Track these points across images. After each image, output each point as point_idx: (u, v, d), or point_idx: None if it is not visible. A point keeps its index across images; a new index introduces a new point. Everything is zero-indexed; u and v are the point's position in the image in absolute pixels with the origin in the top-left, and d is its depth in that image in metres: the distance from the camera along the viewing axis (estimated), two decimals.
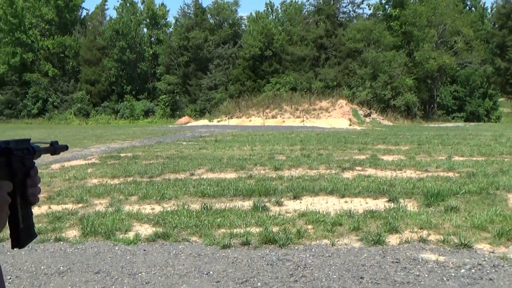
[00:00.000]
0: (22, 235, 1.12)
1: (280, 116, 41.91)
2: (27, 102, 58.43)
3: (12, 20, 58.65)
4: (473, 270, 4.59)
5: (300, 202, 7.71)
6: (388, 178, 9.56)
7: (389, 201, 7.52)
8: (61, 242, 5.79)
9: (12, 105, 59.15)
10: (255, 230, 6.04)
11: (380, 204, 7.39)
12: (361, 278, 4.46)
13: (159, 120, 51.31)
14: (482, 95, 50.59)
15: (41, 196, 1.08)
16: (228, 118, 42.65)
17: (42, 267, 4.96)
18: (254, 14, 62.37)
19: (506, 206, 7.05)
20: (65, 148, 1.35)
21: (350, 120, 38.55)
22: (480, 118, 48.79)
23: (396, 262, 4.86)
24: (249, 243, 5.56)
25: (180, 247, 5.57)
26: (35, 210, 6.94)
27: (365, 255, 5.12)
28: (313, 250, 5.34)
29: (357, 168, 11.35)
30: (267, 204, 7.46)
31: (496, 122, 48.63)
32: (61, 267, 4.94)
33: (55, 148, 1.29)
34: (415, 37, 47.69)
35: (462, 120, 46.97)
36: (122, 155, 15.10)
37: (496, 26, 58.90)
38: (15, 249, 1.14)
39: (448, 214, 6.51)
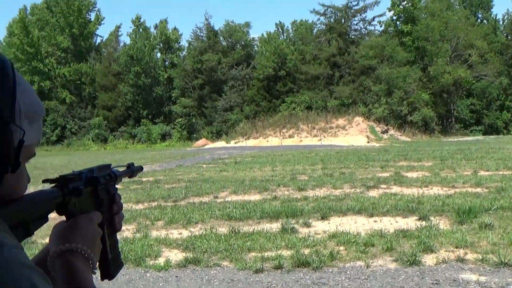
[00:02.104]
0: (111, 266, 1.07)
1: (297, 136, 41.84)
2: (45, 129, 59.05)
3: (29, 49, 59.74)
4: None
5: (329, 223, 7.60)
6: (415, 195, 9.42)
7: (419, 219, 7.39)
8: None
9: None
10: (286, 253, 5.95)
11: (410, 222, 7.26)
12: None
13: (176, 143, 51.51)
14: (500, 107, 50.10)
15: None
16: (245, 139, 42.69)
17: None
18: (265, 35, 62.72)
19: None
20: (141, 169, 1.32)
21: (367, 137, 38.35)
22: (499, 130, 48.24)
23: (436, 283, 4.74)
24: (281, 266, 5.47)
25: (212, 272, 5.50)
26: None
27: (403, 276, 5.00)
28: (348, 272, 5.23)
29: (382, 186, 11.21)
30: (295, 225, 7.37)
31: None
32: None
33: (133, 171, 1.26)
34: (428, 52, 47.56)
35: (480, 134, 46.45)
36: (144, 179, 15.13)
37: (510, 37, 58.48)
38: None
39: (483, 232, 6.36)
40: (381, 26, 54.13)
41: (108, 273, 1.07)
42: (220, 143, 43.89)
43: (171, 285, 5.17)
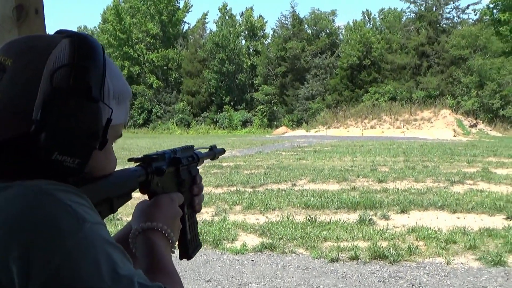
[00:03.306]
0: (190, 246, 1.08)
1: (379, 127, 40.91)
2: (133, 112, 61.59)
3: (121, 35, 62.46)
4: None
5: (408, 217, 7.42)
6: (504, 193, 8.94)
7: (507, 218, 7.03)
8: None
9: None
10: (363, 244, 5.89)
11: (497, 221, 6.92)
12: None
13: (256, 130, 51.99)
14: None
15: None
16: (326, 128, 42.35)
17: None
18: (351, 23, 61.49)
19: None
20: (223, 152, 1.33)
21: (454, 130, 36.75)
22: None
23: None
24: (358, 257, 5.42)
25: (288, 259, 5.55)
26: None
27: (486, 276, 4.79)
28: (427, 268, 5.09)
29: (468, 181, 10.74)
30: (373, 217, 7.27)
31: None
32: None
33: (215, 153, 1.27)
34: None
35: None
36: (224, 164, 15.44)
37: None
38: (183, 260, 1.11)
39: None
40: (475, 15, 51.37)
41: (187, 253, 1.07)
42: (300, 132, 43.81)
43: (247, 268, 5.27)
